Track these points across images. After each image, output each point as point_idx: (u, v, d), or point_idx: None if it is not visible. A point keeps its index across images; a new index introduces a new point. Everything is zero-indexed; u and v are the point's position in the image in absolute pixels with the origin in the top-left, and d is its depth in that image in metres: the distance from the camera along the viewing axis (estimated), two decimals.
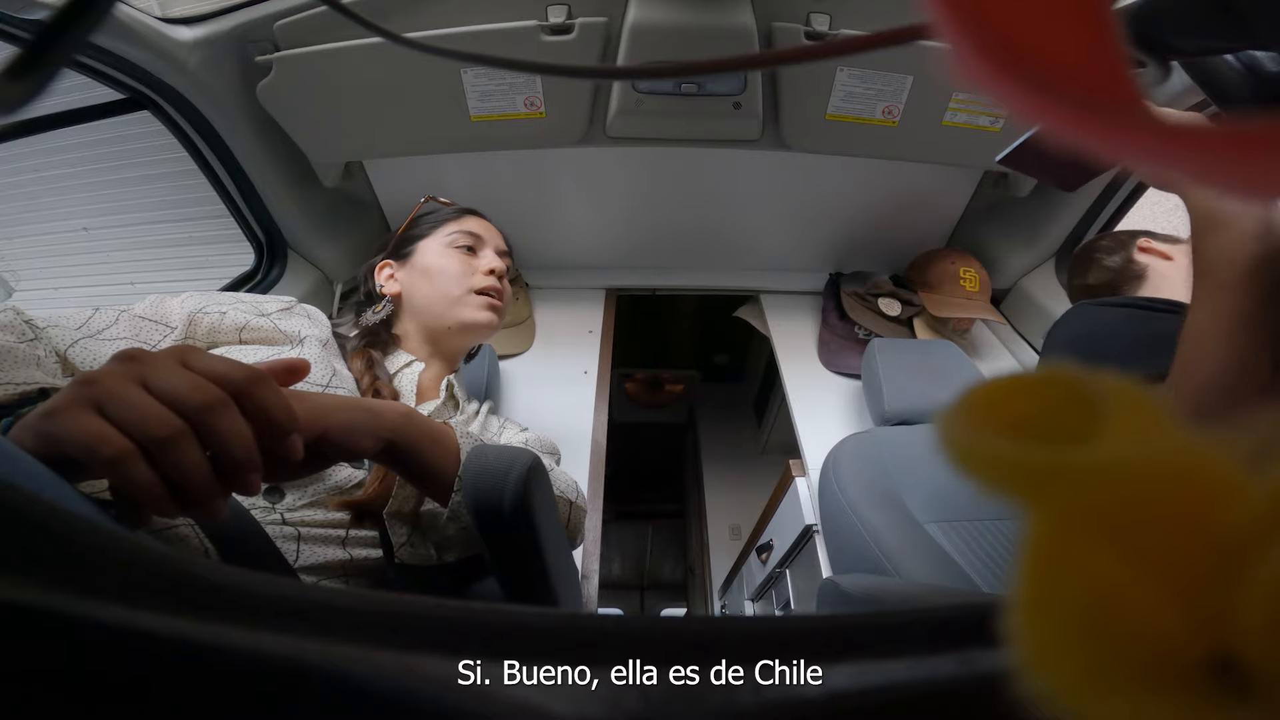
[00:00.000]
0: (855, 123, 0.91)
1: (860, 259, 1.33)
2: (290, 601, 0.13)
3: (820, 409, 1.11)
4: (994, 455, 0.09)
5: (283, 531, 0.45)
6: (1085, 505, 0.09)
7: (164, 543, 0.37)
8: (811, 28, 0.80)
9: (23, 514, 0.14)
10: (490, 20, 0.78)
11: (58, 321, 0.45)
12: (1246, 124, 0.07)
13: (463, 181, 1.14)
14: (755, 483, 1.90)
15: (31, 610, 0.12)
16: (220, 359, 0.30)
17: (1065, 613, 0.09)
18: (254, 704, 0.12)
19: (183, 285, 0.58)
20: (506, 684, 0.12)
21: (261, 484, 0.30)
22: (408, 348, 0.70)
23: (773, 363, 1.26)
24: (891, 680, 0.13)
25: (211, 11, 0.80)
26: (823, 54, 0.18)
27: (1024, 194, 1.11)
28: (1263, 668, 0.08)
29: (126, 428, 0.26)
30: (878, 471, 0.83)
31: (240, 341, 0.53)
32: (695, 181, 1.16)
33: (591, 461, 0.97)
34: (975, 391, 0.11)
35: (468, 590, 0.53)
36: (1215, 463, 0.09)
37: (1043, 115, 0.09)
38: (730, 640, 0.13)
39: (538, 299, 1.30)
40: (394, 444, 0.40)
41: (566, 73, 0.25)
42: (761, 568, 1.24)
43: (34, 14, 0.62)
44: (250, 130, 0.89)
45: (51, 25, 0.19)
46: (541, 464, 0.48)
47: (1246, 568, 0.08)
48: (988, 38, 0.09)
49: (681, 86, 0.85)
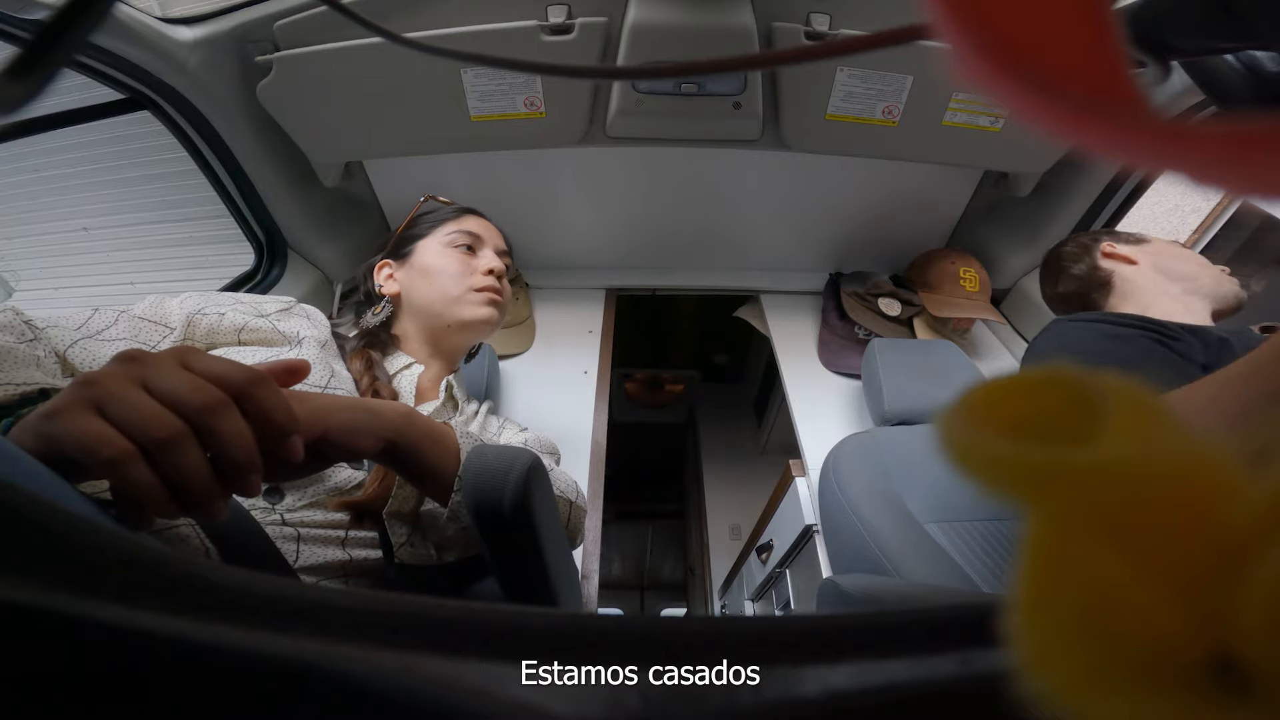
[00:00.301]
0: (855, 123, 0.91)
1: (860, 259, 1.33)
2: (290, 601, 0.13)
3: (820, 409, 1.11)
4: (994, 455, 0.09)
5: (282, 532, 0.45)
6: (1085, 505, 0.09)
7: (164, 543, 0.37)
8: (811, 28, 0.80)
9: (23, 514, 0.14)
10: (490, 20, 0.78)
11: (57, 322, 0.45)
12: (1246, 124, 0.07)
13: (463, 181, 1.14)
14: (755, 483, 1.90)
15: (31, 610, 0.12)
16: (220, 360, 0.30)
17: (1065, 613, 0.09)
18: (254, 704, 0.12)
19: (182, 285, 0.58)
20: (506, 684, 0.12)
21: (262, 485, 0.30)
22: (407, 348, 0.70)
23: (773, 363, 1.26)
24: (891, 680, 0.13)
25: (211, 11, 0.80)
26: (823, 54, 0.18)
27: (1024, 194, 1.11)
28: (1263, 668, 0.08)
29: (127, 429, 0.26)
30: (878, 471, 0.83)
31: (239, 343, 0.53)
32: (695, 181, 1.16)
33: (591, 461, 0.97)
34: (975, 392, 0.11)
35: (468, 590, 0.53)
36: (1215, 463, 0.09)
37: (1043, 115, 0.09)
38: (730, 640, 0.13)
39: (538, 299, 1.30)
40: (394, 444, 0.40)
41: (566, 73, 0.25)
42: (761, 568, 1.24)
43: (34, 14, 0.62)
44: (250, 130, 0.89)
45: (51, 25, 0.19)
46: (541, 464, 0.48)
47: (1246, 568, 0.08)
48: (988, 38, 0.09)
49: (681, 86, 0.85)
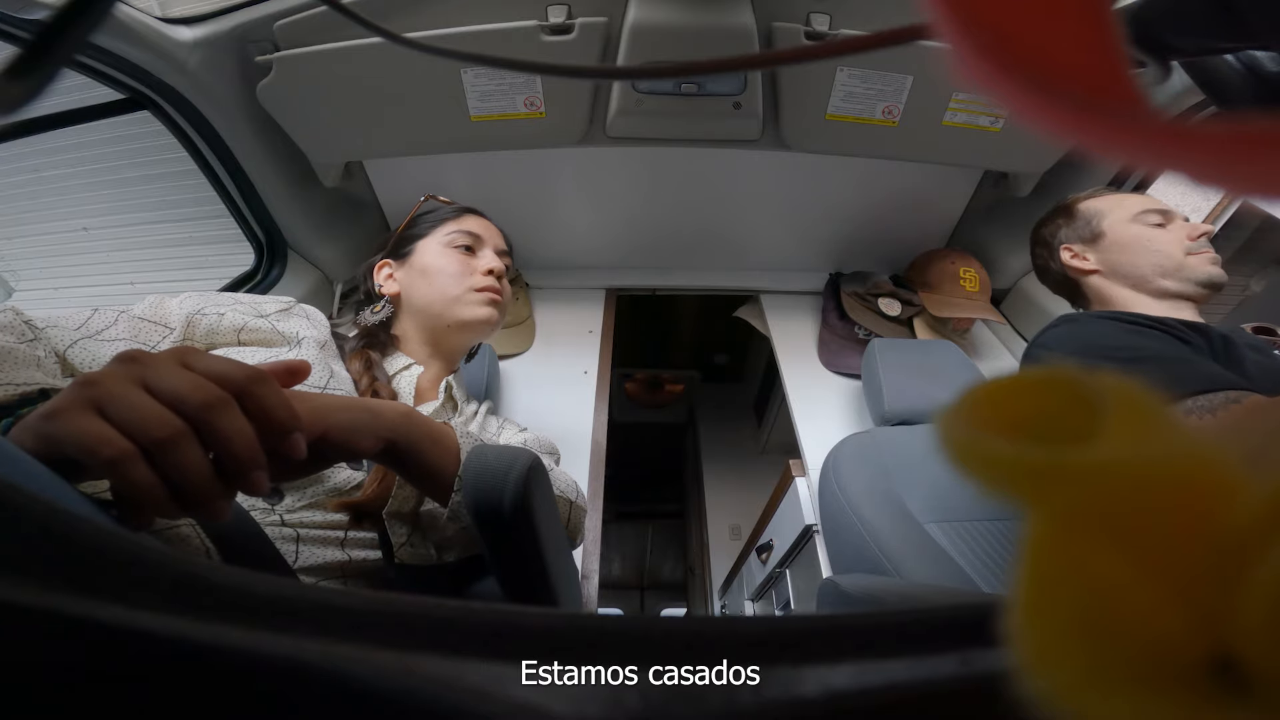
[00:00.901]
0: (855, 123, 0.91)
1: (860, 259, 1.33)
2: (289, 601, 0.13)
3: (820, 409, 1.11)
4: (994, 455, 0.09)
5: (282, 533, 0.45)
6: (1085, 505, 0.09)
7: (164, 543, 0.37)
8: (811, 28, 0.80)
9: (23, 514, 0.14)
10: (490, 20, 0.78)
11: (57, 322, 0.45)
12: (1247, 124, 0.07)
13: (463, 181, 1.14)
14: (755, 483, 1.90)
15: (31, 610, 0.12)
16: (221, 359, 0.30)
17: (1065, 613, 0.09)
18: (254, 704, 0.12)
19: (182, 285, 0.58)
20: (506, 684, 0.12)
21: (268, 482, 0.30)
22: (407, 349, 0.70)
23: (773, 363, 1.26)
24: (891, 680, 0.13)
25: (211, 11, 0.80)
26: (823, 54, 0.18)
27: (1024, 194, 1.11)
28: (1263, 668, 0.08)
29: (127, 429, 0.26)
30: (878, 471, 0.83)
31: (239, 343, 0.53)
32: (695, 181, 1.16)
33: (591, 461, 0.97)
34: (975, 391, 0.11)
35: (468, 590, 0.53)
36: (1215, 463, 0.09)
37: (1043, 115, 0.09)
38: (730, 640, 0.13)
39: (538, 299, 1.30)
40: (394, 444, 0.40)
41: (566, 73, 0.25)
42: (761, 568, 1.24)
43: (34, 14, 0.62)
44: (250, 130, 0.89)
45: (51, 25, 0.19)
46: (541, 464, 0.48)
47: (1246, 568, 0.08)
48: (988, 38, 0.09)
49: (681, 86, 0.85)
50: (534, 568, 0.48)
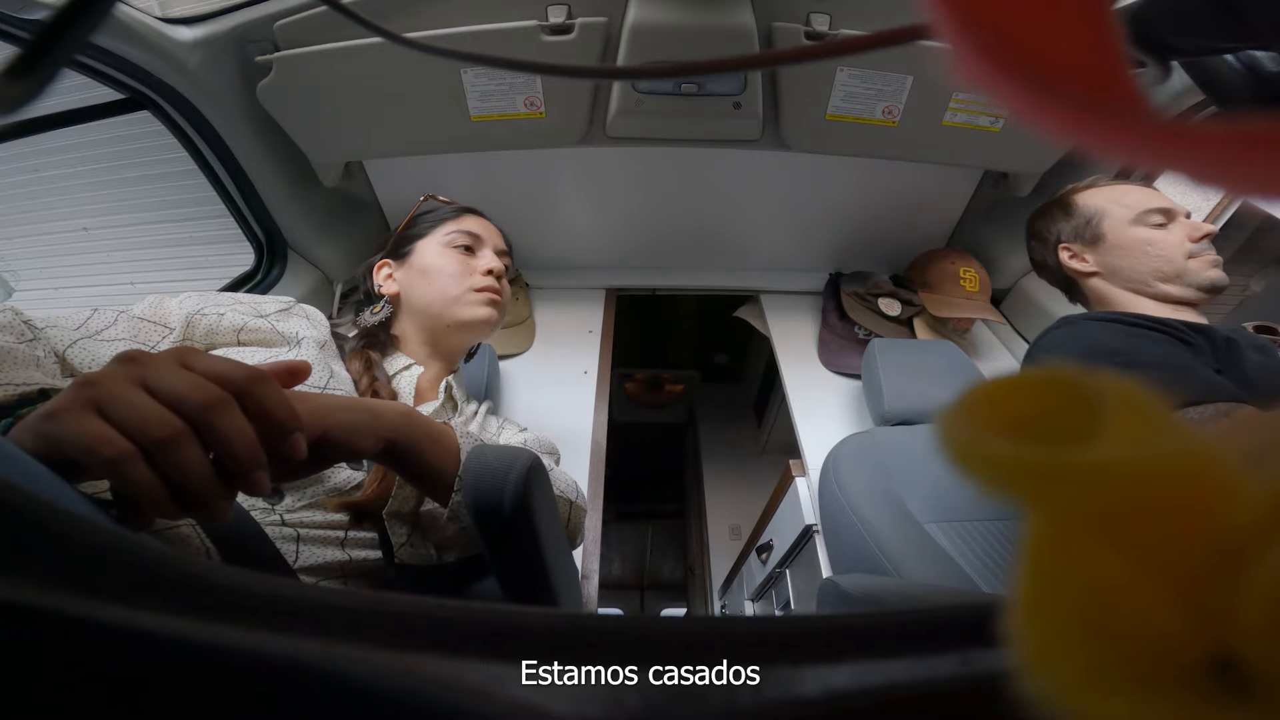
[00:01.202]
0: (855, 123, 0.91)
1: (860, 259, 1.33)
2: (289, 601, 0.13)
3: (820, 409, 1.11)
4: (994, 455, 0.09)
5: (282, 533, 0.45)
6: (1085, 505, 0.09)
7: (164, 543, 0.37)
8: (811, 28, 0.80)
9: (23, 514, 0.14)
10: (490, 20, 0.78)
11: (56, 322, 0.45)
12: (1247, 124, 0.07)
13: (463, 181, 1.14)
14: (755, 483, 1.90)
15: (31, 610, 0.12)
16: (221, 359, 0.30)
17: (1065, 613, 0.09)
18: (254, 704, 0.12)
19: (182, 285, 0.58)
20: (506, 684, 0.12)
21: (269, 482, 0.30)
22: (406, 349, 0.70)
23: (773, 363, 1.26)
24: (891, 680, 0.13)
25: (211, 11, 0.80)
26: (823, 54, 0.18)
27: (1024, 194, 1.11)
28: (1263, 668, 0.08)
29: (127, 429, 0.26)
30: (878, 471, 0.83)
31: (238, 343, 0.53)
32: (695, 181, 1.16)
33: (591, 461, 0.97)
34: (975, 391, 0.11)
35: (468, 590, 0.53)
36: (1215, 463, 0.09)
37: (1043, 115, 0.09)
38: (730, 640, 0.13)
39: (538, 299, 1.30)
40: (394, 444, 0.40)
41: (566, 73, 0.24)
42: (761, 568, 1.24)
43: (34, 14, 0.62)
44: (250, 130, 0.89)
45: (51, 25, 0.19)
46: (541, 464, 0.48)
47: (1246, 568, 0.08)
48: (988, 38, 0.09)
49: (681, 86, 0.85)
50: (534, 568, 0.48)
